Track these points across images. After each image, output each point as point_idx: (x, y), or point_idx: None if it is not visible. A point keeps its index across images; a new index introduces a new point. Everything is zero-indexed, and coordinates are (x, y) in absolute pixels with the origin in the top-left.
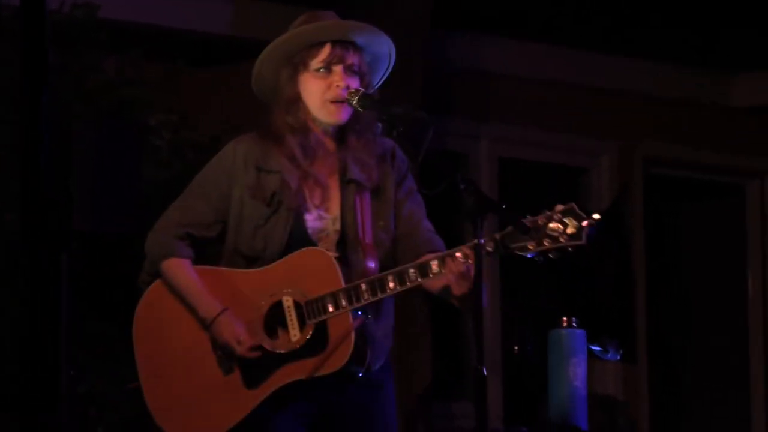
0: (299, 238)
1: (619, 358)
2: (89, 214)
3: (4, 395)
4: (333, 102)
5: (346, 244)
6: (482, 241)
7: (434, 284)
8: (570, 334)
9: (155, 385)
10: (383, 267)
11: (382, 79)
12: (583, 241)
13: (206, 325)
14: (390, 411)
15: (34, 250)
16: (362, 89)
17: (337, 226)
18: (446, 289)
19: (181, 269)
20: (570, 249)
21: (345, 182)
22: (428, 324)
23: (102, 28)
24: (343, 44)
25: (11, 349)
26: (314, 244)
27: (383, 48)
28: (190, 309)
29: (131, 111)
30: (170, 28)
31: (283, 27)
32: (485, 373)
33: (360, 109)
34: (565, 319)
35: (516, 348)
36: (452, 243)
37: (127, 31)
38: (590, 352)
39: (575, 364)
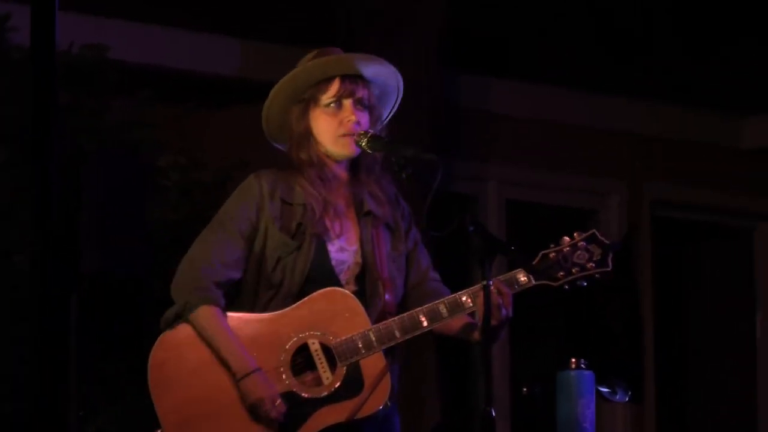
0: (321, 270)
1: (627, 399)
2: (97, 254)
3: None
4: (345, 135)
5: (365, 277)
6: (491, 282)
7: (454, 324)
8: (579, 376)
9: None
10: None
11: (392, 111)
12: (610, 267)
13: (237, 379)
14: None
15: (43, 291)
16: (371, 131)
17: (359, 258)
18: (467, 327)
19: (216, 318)
20: (597, 276)
21: (362, 214)
22: (436, 365)
23: (112, 69)
24: (352, 78)
25: (20, 389)
26: (336, 276)
27: (391, 80)
28: (220, 360)
29: (141, 152)
30: (180, 70)
31: (291, 68)
32: (493, 414)
33: (369, 151)
34: (573, 360)
35: (525, 389)
36: (461, 284)
37: (137, 72)
38: (598, 393)
39: (584, 405)
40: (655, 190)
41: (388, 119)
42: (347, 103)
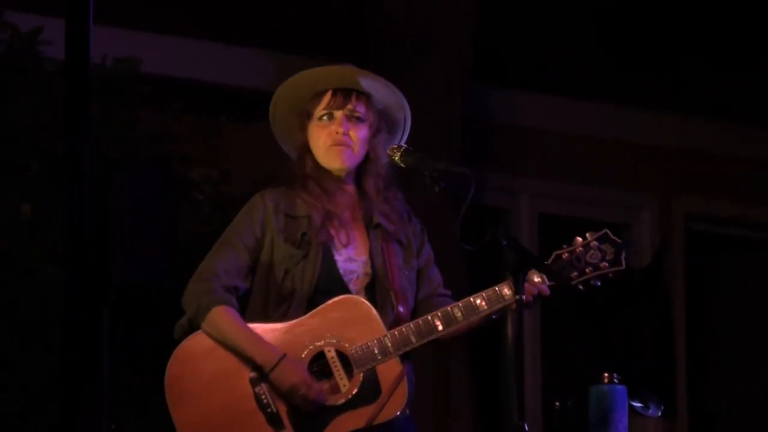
0: (330, 279)
1: (660, 413)
2: (126, 264)
3: None
4: (333, 146)
5: (375, 288)
6: (524, 296)
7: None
8: (611, 390)
9: None
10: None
11: (404, 134)
12: (623, 266)
13: (265, 372)
14: None
15: (75, 303)
16: (404, 145)
17: (368, 269)
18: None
19: (233, 317)
20: (611, 275)
21: (372, 227)
22: (467, 379)
23: (144, 83)
24: (346, 91)
25: (49, 402)
26: (345, 285)
27: (390, 96)
28: (244, 357)
29: (171, 164)
30: (212, 83)
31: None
32: (526, 428)
33: (402, 165)
34: (606, 374)
35: (557, 403)
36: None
37: (170, 86)
38: (630, 407)
39: (617, 420)
40: (687, 204)
41: (404, 139)
42: (338, 114)
